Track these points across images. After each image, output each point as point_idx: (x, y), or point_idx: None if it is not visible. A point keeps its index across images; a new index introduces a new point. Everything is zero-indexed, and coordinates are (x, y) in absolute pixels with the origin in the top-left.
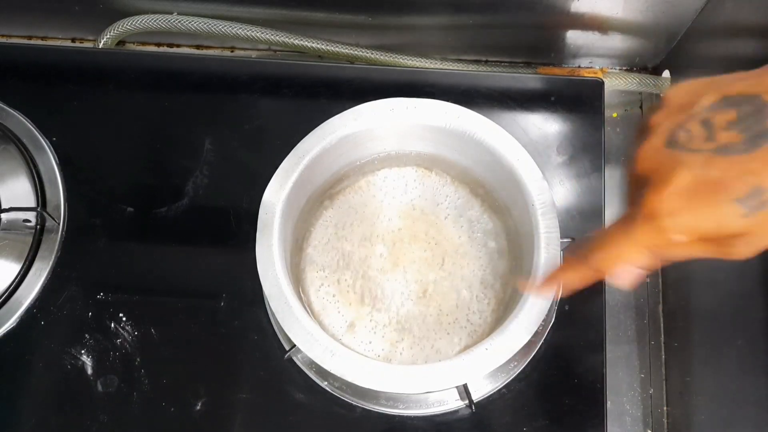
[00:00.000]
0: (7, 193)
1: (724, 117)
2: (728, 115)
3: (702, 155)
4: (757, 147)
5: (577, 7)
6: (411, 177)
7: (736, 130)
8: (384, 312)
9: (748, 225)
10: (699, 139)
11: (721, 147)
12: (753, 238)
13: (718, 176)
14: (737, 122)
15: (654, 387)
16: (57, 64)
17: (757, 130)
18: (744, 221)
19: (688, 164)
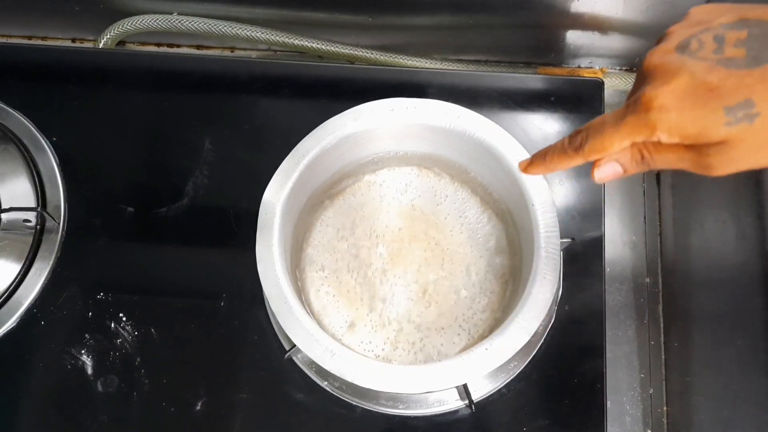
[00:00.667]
0: (7, 193)
1: (736, 35)
2: (740, 34)
3: (706, 63)
4: (757, 65)
5: (577, 7)
6: (411, 177)
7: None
8: (384, 312)
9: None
10: (708, 49)
11: (725, 59)
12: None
13: (715, 83)
14: (746, 41)
15: (654, 387)
16: (57, 64)
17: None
18: (726, 130)
19: (690, 68)
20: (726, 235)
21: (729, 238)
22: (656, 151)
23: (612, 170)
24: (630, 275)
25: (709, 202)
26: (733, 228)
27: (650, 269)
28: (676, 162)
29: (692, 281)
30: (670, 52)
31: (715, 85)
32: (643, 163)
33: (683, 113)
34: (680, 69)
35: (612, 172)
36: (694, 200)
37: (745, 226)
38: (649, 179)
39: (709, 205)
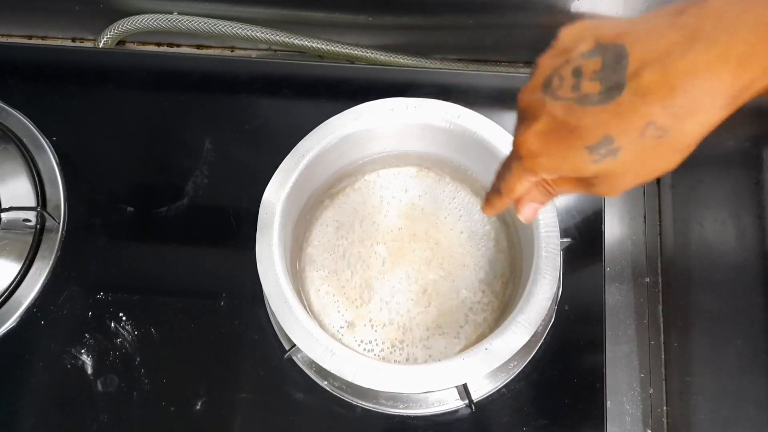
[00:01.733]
0: (7, 192)
1: (591, 65)
2: (595, 63)
3: (564, 103)
4: (609, 99)
5: (577, 7)
6: (411, 177)
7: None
8: (384, 312)
9: (599, 170)
10: (567, 86)
11: (581, 97)
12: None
13: (573, 124)
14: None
15: (654, 387)
16: (57, 64)
17: (613, 81)
18: (594, 167)
19: (550, 109)
20: (726, 235)
21: (729, 238)
22: (555, 185)
23: (532, 209)
24: (630, 275)
25: (709, 201)
26: (733, 228)
27: (650, 269)
28: (574, 190)
29: (692, 281)
30: (536, 90)
31: (574, 126)
32: (550, 195)
33: (551, 156)
34: (541, 111)
35: (532, 210)
36: (694, 200)
37: (745, 226)
38: None
39: (709, 205)
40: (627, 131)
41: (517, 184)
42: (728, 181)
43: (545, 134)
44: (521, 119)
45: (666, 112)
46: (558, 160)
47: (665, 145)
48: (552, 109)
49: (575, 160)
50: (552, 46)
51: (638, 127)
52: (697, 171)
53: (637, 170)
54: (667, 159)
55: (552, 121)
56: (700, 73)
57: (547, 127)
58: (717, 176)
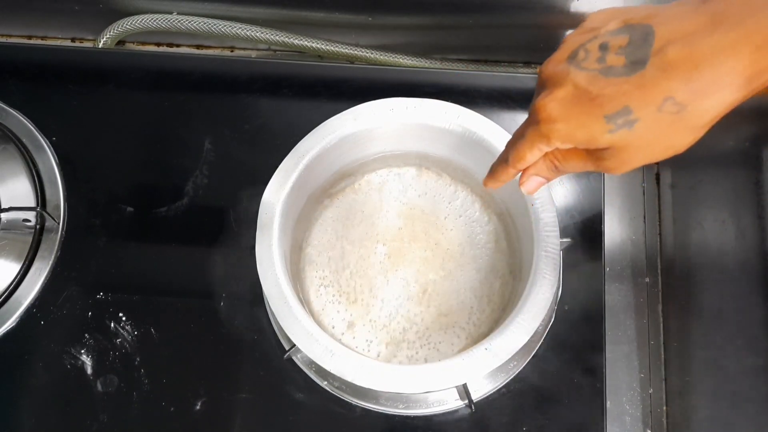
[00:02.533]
0: (7, 192)
1: (618, 42)
2: (622, 40)
3: (588, 73)
4: (633, 72)
5: (577, 7)
6: (411, 177)
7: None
8: (384, 312)
9: (613, 140)
10: (592, 58)
11: (605, 68)
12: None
13: (595, 93)
14: (626, 47)
15: (654, 387)
16: (57, 64)
17: (637, 56)
18: (610, 137)
19: (573, 78)
20: (726, 235)
21: (729, 238)
22: (563, 159)
23: (536, 182)
24: (630, 275)
25: (709, 201)
26: (733, 228)
27: (650, 269)
28: (582, 166)
29: (692, 281)
30: (561, 61)
31: (595, 95)
32: (557, 171)
33: (569, 122)
34: (565, 79)
35: (536, 183)
36: (694, 200)
37: (745, 226)
38: (648, 179)
39: (709, 205)
40: (646, 103)
41: (528, 153)
42: (728, 181)
43: (566, 101)
44: (543, 87)
45: (686, 88)
46: (575, 127)
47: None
48: (575, 78)
49: (592, 128)
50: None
51: (657, 101)
52: (697, 171)
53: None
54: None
55: (574, 89)
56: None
57: (569, 94)
58: (717, 176)
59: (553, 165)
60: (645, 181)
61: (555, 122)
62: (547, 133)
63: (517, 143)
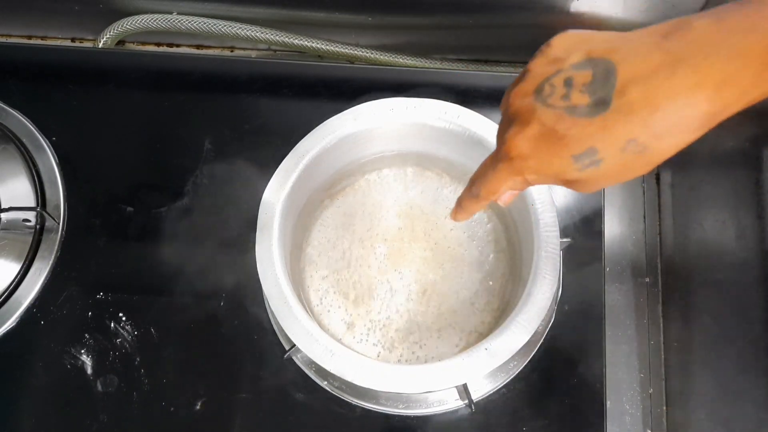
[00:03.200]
0: (7, 192)
1: (582, 78)
2: (586, 76)
3: (555, 112)
4: (596, 114)
5: (577, 7)
6: (411, 177)
7: (587, 92)
8: (384, 312)
9: (581, 177)
10: (558, 95)
11: (570, 107)
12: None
13: (561, 132)
14: (590, 84)
15: (654, 387)
16: (57, 64)
17: (600, 95)
18: (578, 174)
19: (541, 116)
20: (726, 235)
21: (729, 238)
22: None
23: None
24: (630, 275)
25: (709, 201)
26: (733, 228)
27: (650, 269)
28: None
29: (692, 281)
30: (528, 95)
31: (562, 135)
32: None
33: (540, 160)
34: (533, 117)
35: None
36: (694, 200)
37: (745, 226)
38: (648, 179)
39: (709, 205)
40: (610, 145)
41: (502, 185)
42: (728, 181)
43: (536, 139)
44: (510, 121)
45: (647, 131)
46: (545, 165)
47: (642, 159)
48: (543, 116)
49: (561, 166)
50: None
51: (621, 143)
52: (697, 171)
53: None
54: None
55: (542, 128)
56: (679, 97)
57: (538, 132)
58: (717, 176)
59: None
60: (645, 181)
61: (526, 159)
62: (519, 169)
63: (489, 177)
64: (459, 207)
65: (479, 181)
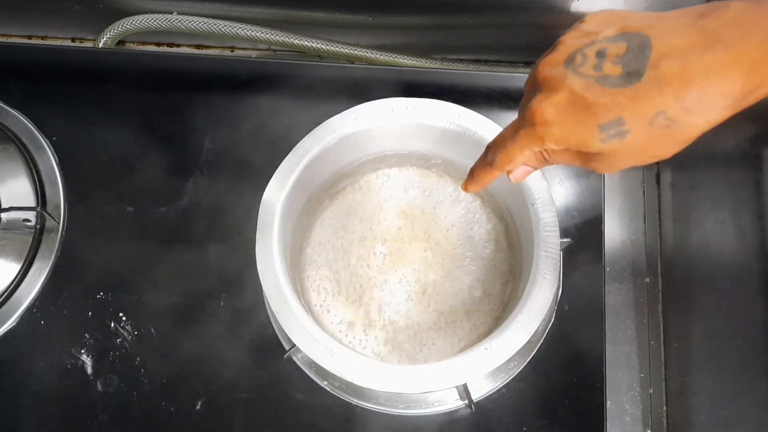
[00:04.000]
0: (7, 192)
1: (616, 49)
2: (620, 48)
3: (585, 80)
4: (628, 84)
5: (577, 7)
6: (411, 177)
7: (619, 63)
8: (384, 312)
9: (604, 148)
10: (589, 65)
11: (602, 77)
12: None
13: (590, 101)
14: (623, 56)
15: (654, 387)
16: (57, 64)
17: (634, 67)
18: (601, 145)
19: (570, 84)
20: (726, 235)
21: (729, 238)
22: (554, 153)
23: (523, 171)
24: (630, 275)
25: (708, 201)
26: (733, 228)
27: (650, 269)
28: (571, 162)
29: (692, 281)
30: (558, 64)
31: (590, 103)
32: (545, 162)
33: (564, 127)
34: (562, 84)
35: (523, 172)
36: (694, 200)
37: (745, 226)
38: (648, 179)
39: (709, 205)
40: (639, 116)
41: (519, 154)
42: (728, 181)
43: (562, 106)
44: (537, 89)
45: (678, 104)
46: (569, 133)
47: (669, 135)
48: (572, 84)
49: (585, 135)
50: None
51: (650, 115)
52: (697, 171)
53: (636, 154)
54: (666, 148)
55: (570, 95)
56: (714, 73)
57: (565, 99)
58: (717, 176)
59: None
60: (645, 181)
61: (550, 126)
62: (542, 136)
63: (507, 145)
64: (471, 177)
65: (496, 148)
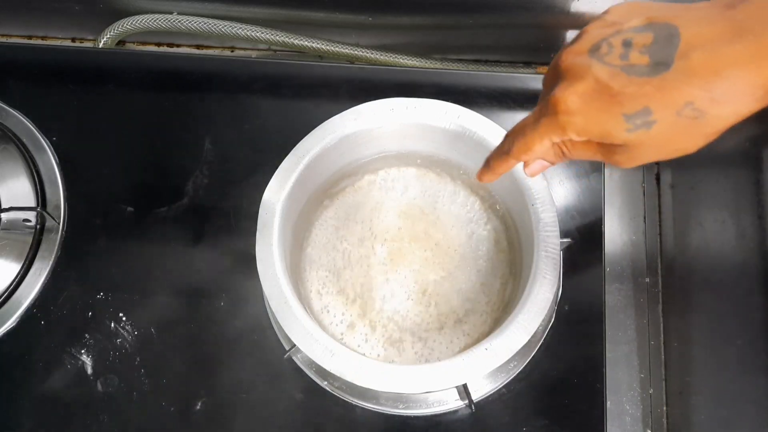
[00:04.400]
0: (7, 192)
1: (642, 39)
2: (646, 38)
3: (611, 69)
4: (656, 73)
5: (577, 7)
6: (411, 177)
7: (647, 53)
8: (384, 312)
9: (629, 139)
10: (615, 54)
11: (628, 66)
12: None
13: (616, 90)
14: (650, 46)
15: (654, 387)
16: (57, 64)
17: (661, 57)
18: (626, 135)
19: (596, 72)
20: (726, 235)
21: (729, 238)
22: (573, 147)
23: (540, 165)
24: (630, 275)
25: (709, 201)
26: (733, 228)
27: (650, 269)
28: (591, 156)
29: (692, 281)
30: (582, 53)
31: (617, 92)
32: (564, 157)
33: (588, 117)
34: (587, 73)
35: (540, 167)
36: (694, 200)
37: (745, 226)
38: (648, 179)
39: (709, 205)
40: (666, 106)
41: (538, 143)
42: (728, 181)
43: (587, 95)
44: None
45: (706, 95)
46: (593, 122)
47: (696, 126)
48: (598, 72)
49: (610, 124)
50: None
51: (678, 105)
52: (697, 171)
53: (661, 146)
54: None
55: (596, 84)
56: (743, 64)
57: (590, 88)
58: (717, 176)
59: (561, 151)
60: (645, 181)
61: (573, 115)
62: (564, 125)
63: (527, 133)
64: (486, 167)
65: (514, 136)
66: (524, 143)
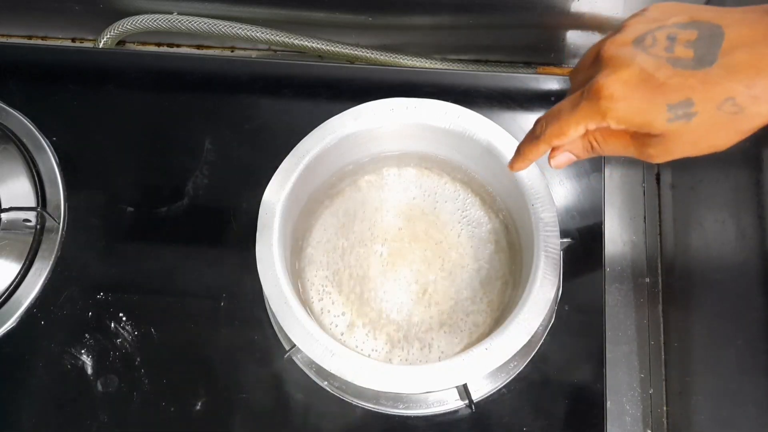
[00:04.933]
0: (7, 192)
1: (687, 35)
2: (691, 34)
3: (656, 60)
4: (700, 67)
5: (577, 7)
6: (411, 177)
7: (691, 49)
8: (384, 312)
9: (669, 129)
10: (660, 46)
11: (674, 58)
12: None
13: (661, 80)
14: (695, 42)
15: (654, 387)
16: (57, 64)
17: (705, 53)
18: (667, 125)
19: (641, 62)
20: (726, 235)
21: (729, 238)
22: (604, 140)
23: (566, 158)
24: (630, 275)
25: (709, 202)
26: (733, 228)
27: (650, 269)
28: (622, 150)
29: (692, 281)
30: (626, 44)
31: (661, 82)
32: (593, 151)
33: (630, 104)
34: (632, 61)
35: (566, 159)
36: (694, 200)
37: (745, 226)
38: (648, 179)
39: (709, 205)
40: (708, 100)
41: (573, 128)
42: (728, 181)
43: (631, 83)
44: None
45: (747, 92)
46: (635, 110)
47: (734, 122)
48: (643, 62)
49: (652, 113)
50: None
51: (719, 99)
52: (697, 171)
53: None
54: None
55: (641, 73)
56: None
57: (635, 77)
58: (717, 176)
59: (591, 145)
60: (645, 181)
61: (616, 101)
62: (605, 111)
63: (563, 117)
64: (517, 154)
65: (548, 120)
66: (558, 127)
